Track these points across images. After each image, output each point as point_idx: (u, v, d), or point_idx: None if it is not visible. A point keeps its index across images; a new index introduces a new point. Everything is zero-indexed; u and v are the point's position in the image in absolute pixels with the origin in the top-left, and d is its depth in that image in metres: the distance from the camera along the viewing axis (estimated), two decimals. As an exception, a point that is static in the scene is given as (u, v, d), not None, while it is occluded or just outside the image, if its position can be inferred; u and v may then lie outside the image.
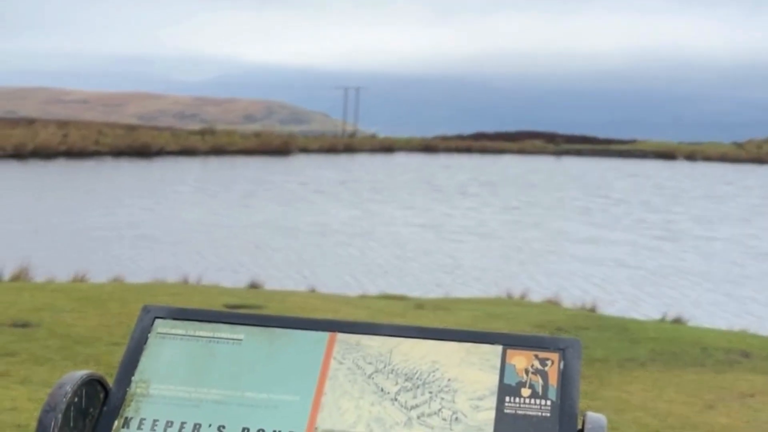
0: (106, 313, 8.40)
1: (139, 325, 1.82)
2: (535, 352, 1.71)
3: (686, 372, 7.53)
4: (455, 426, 1.62)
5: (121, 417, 1.67)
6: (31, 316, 8.02)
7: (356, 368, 1.72)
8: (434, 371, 1.70)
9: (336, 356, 1.74)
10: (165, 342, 1.79)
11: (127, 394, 1.71)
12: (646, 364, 7.77)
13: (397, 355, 1.73)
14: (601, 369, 7.54)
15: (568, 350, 1.70)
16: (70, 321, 8.01)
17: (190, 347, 1.77)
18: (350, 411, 1.66)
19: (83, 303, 8.84)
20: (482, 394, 1.66)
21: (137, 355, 1.77)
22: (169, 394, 1.70)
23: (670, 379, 7.24)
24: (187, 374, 1.73)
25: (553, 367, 1.68)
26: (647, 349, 8.27)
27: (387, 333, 1.77)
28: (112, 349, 7.04)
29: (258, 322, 1.81)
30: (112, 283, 11.25)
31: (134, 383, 1.72)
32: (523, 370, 1.69)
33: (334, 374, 1.71)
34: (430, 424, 1.63)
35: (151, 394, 1.70)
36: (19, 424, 5.15)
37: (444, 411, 1.64)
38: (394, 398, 1.67)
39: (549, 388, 1.66)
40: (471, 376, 1.69)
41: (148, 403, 1.69)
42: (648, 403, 6.55)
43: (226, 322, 1.81)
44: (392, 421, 1.64)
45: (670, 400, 6.64)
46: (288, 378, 1.71)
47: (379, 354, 1.73)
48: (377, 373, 1.71)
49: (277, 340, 1.77)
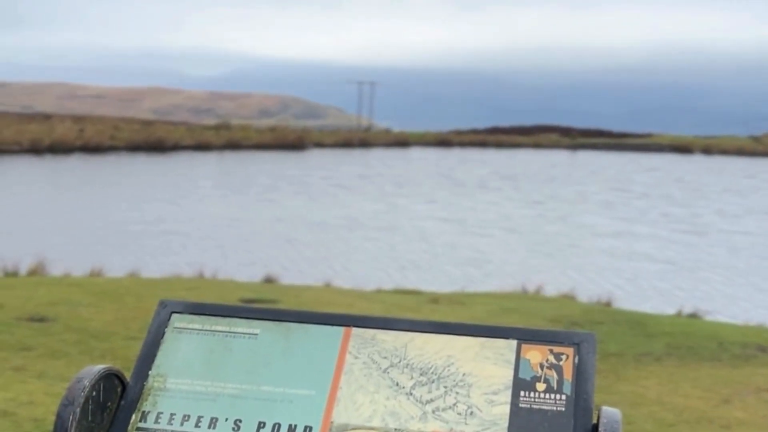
0: (123, 308, 8.44)
1: (156, 319, 1.83)
2: (550, 346, 1.71)
3: (702, 366, 7.51)
4: (470, 420, 1.63)
5: (139, 411, 1.69)
6: (48, 311, 8.07)
7: (371, 363, 1.73)
8: (449, 366, 1.71)
9: (351, 351, 1.75)
10: (182, 336, 1.80)
11: (144, 388, 1.72)
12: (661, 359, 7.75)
13: (412, 350, 1.73)
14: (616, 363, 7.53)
15: (582, 344, 1.71)
16: (87, 315, 8.05)
17: (206, 342, 1.78)
18: (366, 405, 1.66)
19: (100, 297, 8.88)
20: (497, 388, 1.67)
21: (154, 350, 1.78)
22: (186, 388, 1.71)
23: (685, 374, 7.23)
24: (203, 368, 1.74)
25: (567, 362, 1.69)
26: (663, 343, 8.25)
27: (402, 328, 1.77)
28: (128, 344, 7.08)
29: (274, 317, 1.82)
30: (129, 278, 11.30)
31: (151, 377, 1.73)
32: (537, 365, 1.69)
33: (350, 369, 1.72)
34: (445, 418, 1.63)
35: (168, 388, 1.72)
36: (35, 418, 5.19)
37: (459, 405, 1.65)
38: (410, 393, 1.67)
39: (564, 383, 1.66)
40: (486, 371, 1.69)
41: (165, 397, 1.70)
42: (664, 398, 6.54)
43: (242, 317, 1.82)
44: (407, 415, 1.64)
45: (686, 395, 6.62)
46: (303, 372, 1.72)
47: (394, 348, 1.74)
48: (392, 367, 1.71)
49: (293, 335, 1.78)
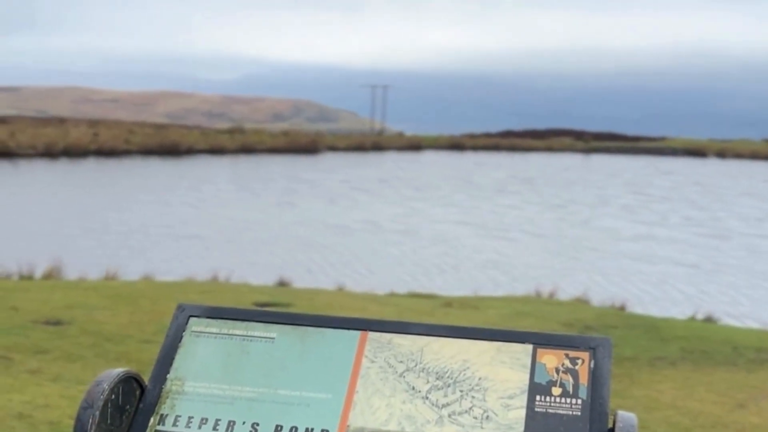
0: (137, 311, 8.48)
1: (174, 323, 1.84)
2: (566, 350, 1.72)
3: (717, 371, 7.49)
4: (486, 424, 1.63)
5: (157, 414, 1.70)
6: (63, 314, 8.11)
7: (387, 366, 1.73)
8: (465, 370, 1.71)
9: (367, 354, 1.76)
10: (199, 340, 1.81)
11: (162, 391, 1.73)
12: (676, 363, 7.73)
13: (428, 354, 1.74)
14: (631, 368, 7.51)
15: (598, 349, 1.71)
16: (102, 318, 8.09)
17: (224, 345, 1.80)
18: (382, 409, 1.67)
19: (114, 301, 8.92)
20: (513, 392, 1.67)
21: (172, 353, 1.79)
22: (204, 391, 1.73)
23: (700, 378, 7.21)
24: (221, 372, 1.75)
25: (583, 366, 1.69)
26: (677, 347, 8.23)
27: (418, 332, 1.78)
28: (142, 347, 7.11)
29: (290, 321, 1.83)
30: (143, 281, 11.34)
31: (169, 381, 1.75)
32: (553, 369, 1.69)
33: (366, 372, 1.73)
34: (461, 422, 1.64)
35: (186, 392, 1.73)
36: (51, 421, 5.22)
37: (475, 409, 1.66)
38: (426, 396, 1.68)
39: (580, 387, 1.67)
40: (501, 375, 1.70)
41: (183, 401, 1.72)
42: (678, 402, 6.52)
43: (259, 321, 1.83)
44: (423, 419, 1.65)
45: (701, 399, 6.61)
46: (320, 376, 1.73)
47: (410, 353, 1.75)
48: (408, 371, 1.72)
49: (309, 339, 1.79)
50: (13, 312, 8.07)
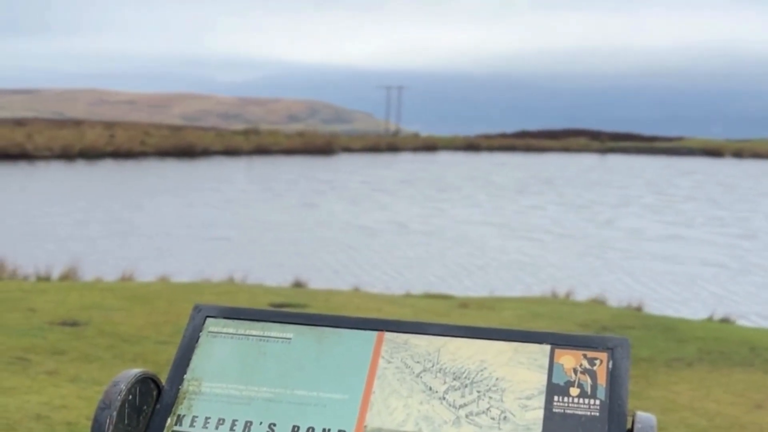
0: (154, 312, 8.50)
1: (191, 323, 1.84)
2: (584, 351, 1.71)
3: (734, 371, 7.45)
4: (504, 425, 1.63)
5: (174, 414, 1.70)
6: (80, 315, 8.13)
7: (404, 367, 1.73)
8: (482, 370, 1.71)
9: (384, 355, 1.75)
10: (216, 340, 1.81)
11: (179, 392, 1.73)
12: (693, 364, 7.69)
13: (445, 355, 1.74)
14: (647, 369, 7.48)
15: (616, 349, 1.70)
16: (118, 319, 8.11)
17: (240, 346, 1.80)
18: (399, 410, 1.67)
19: (131, 302, 8.95)
20: (530, 393, 1.67)
21: (189, 354, 1.79)
22: (221, 392, 1.73)
23: (717, 379, 7.17)
24: (238, 372, 1.75)
25: (601, 367, 1.68)
26: (694, 348, 8.19)
27: (435, 332, 1.78)
28: (159, 348, 7.13)
29: (307, 321, 1.83)
30: (159, 282, 11.37)
31: (186, 381, 1.75)
32: (571, 370, 1.69)
33: (383, 373, 1.73)
34: (478, 423, 1.64)
35: (203, 392, 1.73)
36: (69, 422, 5.24)
37: (492, 410, 1.65)
38: (443, 397, 1.68)
39: (598, 388, 1.66)
40: (519, 376, 1.69)
41: (200, 401, 1.72)
42: (695, 403, 6.49)
43: (275, 321, 1.83)
44: (441, 419, 1.65)
45: (718, 400, 6.57)
46: (337, 376, 1.73)
47: (427, 353, 1.75)
48: (425, 372, 1.72)
49: (326, 339, 1.79)
50: (30, 313, 8.11)
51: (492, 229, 21.70)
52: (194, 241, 18.22)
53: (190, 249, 17.25)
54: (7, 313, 8.05)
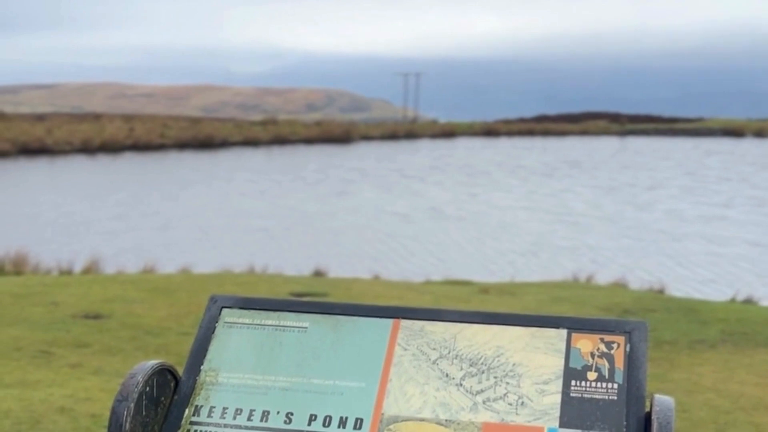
0: (175, 304, 8.53)
1: (207, 314, 1.85)
2: (601, 335, 1.70)
3: (757, 352, 7.40)
4: (521, 410, 1.62)
5: (192, 405, 1.71)
6: (103, 308, 8.18)
7: (421, 354, 1.73)
8: (499, 356, 1.70)
9: (400, 342, 1.75)
10: (232, 331, 1.81)
11: (196, 382, 1.74)
12: (716, 346, 7.66)
13: (461, 341, 1.73)
14: (670, 351, 7.45)
15: (634, 333, 1.69)
16: (140, 312, 8.15)
17: (256, 336, 1.80)
18: (416, 397, 1.67)
19: (153, 294, 8.99)
20: (548, 378, 1.66)
21: (206, 345, 1.80)
22: (238, 382, 1.73)
23: (740, 360, 7.13)
24: (254, 362, 1.76)
25: (619, 350, 1.67)
26: (717, 330, 8.14)
27: (451, 319, 1.77)
28: (181, 339, 7.16)
29: (322, 310, 1.82)
30: (181, 274, 11.42)
31: (203, 372, 1.75)
32: (588, 354, 1.68)
33: (399, 360, 1.72)
34: (495, 408, 1.63)
35: (220, 383, 1.73)
36: (93, 414, 5.27)
37: (510, 395, 1.64)
38: (459, 383, 1.67)
39: (615, 371, 1.65)
40: (536, 361, 1.68)
41: (218, 392, 1.72)
42: (719, 385, 6.46)
43: (291, 311, 1.83)
44: (458, 406, 1.64)
45: (742, 381, 6.54)
46: (353, 365, 1.72)
47: (443, 340, 1.74)
48: (442, 358, 1.71)
49: (342, 328, 1.79)
50: (53, 307, 8.16)
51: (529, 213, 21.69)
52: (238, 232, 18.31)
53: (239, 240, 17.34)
54: (30, 307, 8.11)
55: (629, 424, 1.58)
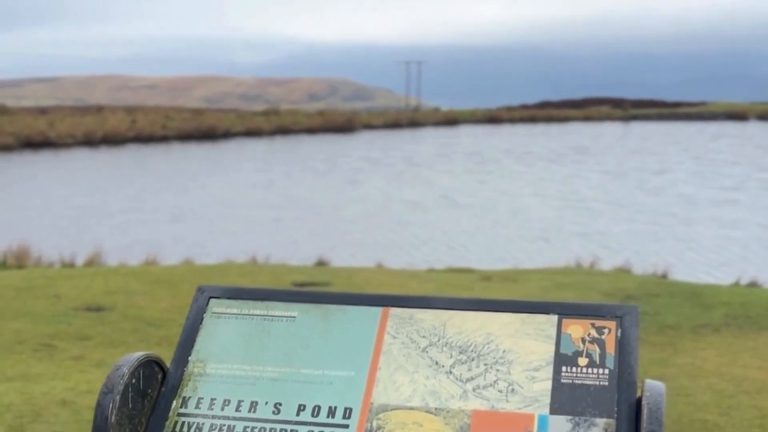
0: (178, 295, 8.53)
1: (195, 305, 1.83)
2: (592, 320, 1.68)
3: (761, 336, 7.38)
4: (511, 397, 1.61)
5: (180, 397, 1.69)
6: (105, 300, 8.18)
7: (410, 342, 1.71)
8: (489, 343, 1.68)
9: (390, 331, 1.73)
10: (220, 321, 1.80)
11: (184, 374, 1.72)
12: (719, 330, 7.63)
13: (451, 328, 1.72)
14: (673, 336, 7.42)
15: (625, 317, 1.67)
16: (143, 303, 8.15)
17: (244, 326, 1.78)
18: (405, 385, 1.65)
19: (155, 285, 8.98)
20: (538, 364, 1.64)
21: (193, 336, 1.78)
22: (226, 372, 1.72)
23: (744, 344, 7.11)
24: (242, 353, 1.74)
25: (610, 335, 1.66)
26: (721, 313, 8.12)
27: (440, 306, 1.75)
28: (183, 330, 7.14)
29: (311, 299, 1.81)
30: (183, 265, 11.41)
31: (191, 363, 1.74)
32: (579, 339, 1.66)
33: (388, 349, 1.71)
34: (485, 396, 1.61)
35: (208, 374, 1.72)
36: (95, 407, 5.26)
37: (500, 383, 1.63)
38: (449, 371, 1.66)
39: (607, 357, 1.63)
40: (526, 347, 1.67)
41: (206, 383, 1.71)
42: (722, 369, 6.44)
43: (279, 300, 1.81)
44: (448, 394, 1.63)
45: (745, 365, 6.52)
46: (342, 354, 1.71)
47: (432, 327, 1.72)
48: (431, 346, 1.70)
49: (331, 317, 1.77)
50: (55, 300, 8.16)
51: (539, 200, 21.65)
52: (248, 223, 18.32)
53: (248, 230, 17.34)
54: (32, 300, 8.10)
55: (620, 410, 1.56)
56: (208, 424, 1.65)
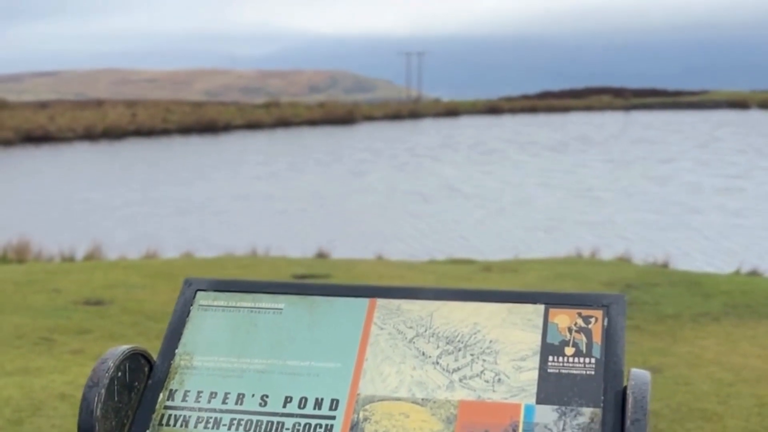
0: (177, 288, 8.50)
1: (182, 298, 1.83)
2: (578, 309, 1.68)
3: (761, 324, 7.38)
4: (498, 387, 1.60)
5: (166, 389, 1.69)
6: (104, 294, 8.18)
7: (397, 333, 1.71)
8: (475, 333, 1.68)
9: (376, 322, 1.73)
10: (207, 314, 1.80)
11: (171, 366, 1.72)
12: (719, 318, 7.63)
13: (438, 319, 1.71)
14: (673, 325, 7.42)
15: (612, 306, 1.67)
16: (142, 297, 8.15)
17: (231, 318, 1.78)
18: (392, 376, 1.65)
19: (155, 279, 8.98)
20: (525, 354, 1.64)
21: (180, 328, 1.78)
22: (213, 365, 1.71)
23: (744, 333, 7.11)
24: (229, 345, 1.74)
25: (596, 325, 1.65)
26: (720, 302, 8.11)
27: (427, 297, 1.75)
28: (182, 323, 7.14)
29: (298, 291, 1.80)
30: (183, 259, 11.41)
31: (178, 356, 1.74)
32: (566, 329, 1.66)
33: (375, 340, 1.70)
34: (472, 386, 1.61)
35: (195, 366, 1.72)
36: (90, 400, 5.26)
37: (486, 373, 1.62)
38: (436, 362, 1.65)
39: (593, 346, 1.63)
40: (513, 337, 1.66)
41: (192, 375, 1.70)
42: (722, 358, 6.43)
43: (266, 292, 1.81)
44: (434, 384, 1.62)
45: (745, 354, 6.51)
46: (329, 345, 1.71)
47: (419, 318, 1.72)
48: (418, 337, 1.69)
49: (318, 308, 1.77)
50: (55, 294, 8.17)
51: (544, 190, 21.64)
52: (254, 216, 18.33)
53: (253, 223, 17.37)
54: (32, 295, 8.11)
55: (607, 399, 1.56)
56: (194, 416, 1.65)
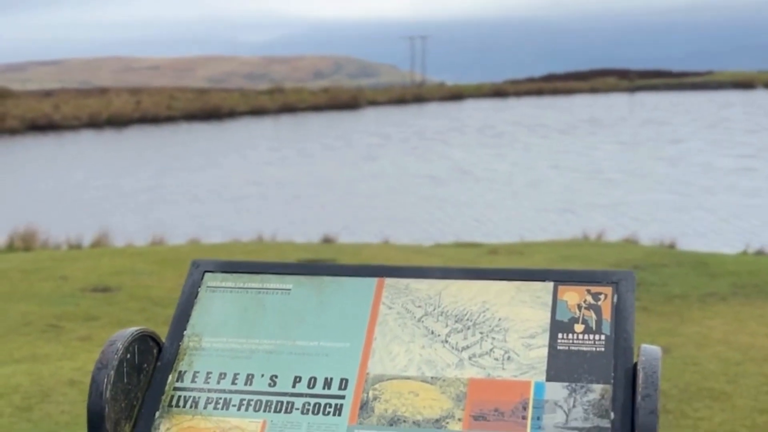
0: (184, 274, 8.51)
1: (189, 279, 1.83)
2: (588, 286, 1.67)
3: (768, 304, 7.37)
4: (507, 365, 1.60)
5: (175, 371, 1.69)
6: (112, 281, 8.19)
7: (405, 312, 1.70)
8: (484, 311, 1.67)
9: (385, 301, 1.72)
10: (215, 295, 1.79)
11: (180, 348, 1.72)
12: (727, 298, 7.61)
13: (446, 297, 1.70)
14: (681, 305, 7.41)
15: (621, 283, 1.66)
16: (149, 283, 8.16)
17: (239, 299, 1.78)
18: (401, 355, 1.64)
19: (161, 265, 8.99)
20: (534, 331, 1.63)
21: (188, 310, 1.78)
22: (221, 346, 1.71)
23: (751, 312, 7.10)
24: (238, 326, 1.73)
25: (606, 302, 1.64)
26: (728, 282, 8.10)
27: (435, 276, 1.74)
28: (190, 309, 7.14)
29: (306, 271, 1.80)
30: (189, 245, 11.42)
31: (186, 337, 1.73)
32: (575, 306, 1.65)
33: (384, 319, 1.70)
34: (482, 364, 1.61)
35: (204, 347, 1.71)
36: (98, 384, 5.27)
37: (496, 350, 1.62)
38: (445, 340, 1.65)
39: (603, 323, 1.62)
40: (522, 315, 1.66)
41: (201, 356, 1.70)
42: (729, 337, 6.43)
43: (274, 273, 1.80)
44: (443, 363, 1.62)
45: (752, 333, 6.51)
46: (338, 325, 1.70)
47: (428, 297, 1.71)
48: (427, 316, 1.69)
49: (326, 288, 1.76)
50: (62, 281, 8.18)
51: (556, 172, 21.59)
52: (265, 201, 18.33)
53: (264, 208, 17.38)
54: (39, 283, 8.13)
55: (617, 376, 1.55)
56: (204, 397, 1.64)
